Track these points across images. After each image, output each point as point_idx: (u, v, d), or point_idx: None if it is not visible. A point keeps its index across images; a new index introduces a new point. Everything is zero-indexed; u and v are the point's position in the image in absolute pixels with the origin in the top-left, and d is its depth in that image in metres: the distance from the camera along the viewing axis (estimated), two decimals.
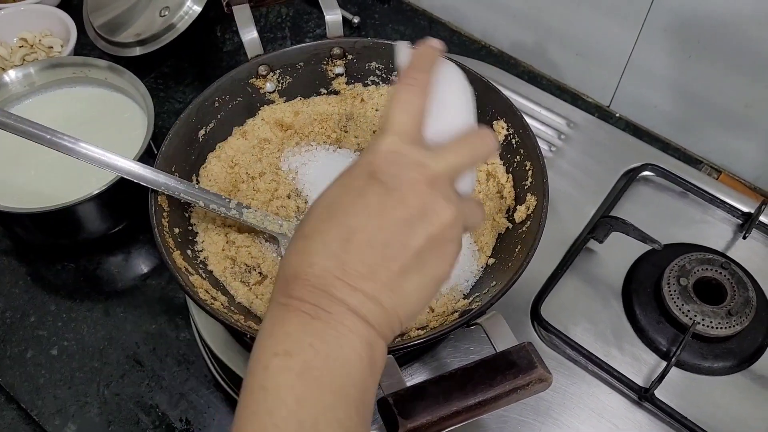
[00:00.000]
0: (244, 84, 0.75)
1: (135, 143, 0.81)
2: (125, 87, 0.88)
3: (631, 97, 0.94)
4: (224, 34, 1.07)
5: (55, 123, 0.87)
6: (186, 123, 0.70)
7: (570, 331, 0.72)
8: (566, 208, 0.81)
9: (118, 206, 0.82)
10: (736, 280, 0.73)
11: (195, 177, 0.72)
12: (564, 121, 0.89)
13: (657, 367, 0.71)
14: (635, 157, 0.85)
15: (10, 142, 0.85)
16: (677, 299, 0.72)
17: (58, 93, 0.90)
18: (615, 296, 0.76)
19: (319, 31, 1.07)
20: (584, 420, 0.68)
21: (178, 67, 1.03)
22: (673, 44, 0.84)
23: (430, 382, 0.51)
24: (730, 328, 0.71)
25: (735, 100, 0.84)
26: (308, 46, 0.77)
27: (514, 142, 0.71)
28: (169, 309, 0.81)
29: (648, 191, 0.83)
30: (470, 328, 0.58)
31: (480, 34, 1.05)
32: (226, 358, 0.70)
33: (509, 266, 0.64)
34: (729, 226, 0.81)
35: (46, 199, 0.77)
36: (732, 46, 0.80)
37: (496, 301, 0.58)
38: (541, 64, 1.01)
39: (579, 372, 0.70)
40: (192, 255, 0.66)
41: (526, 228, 0.66)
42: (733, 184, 0.88)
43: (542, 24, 0.96)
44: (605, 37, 0.90)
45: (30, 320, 0.80)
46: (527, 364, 0.52)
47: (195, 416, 0.73)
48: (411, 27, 1.07)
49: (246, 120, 0.76)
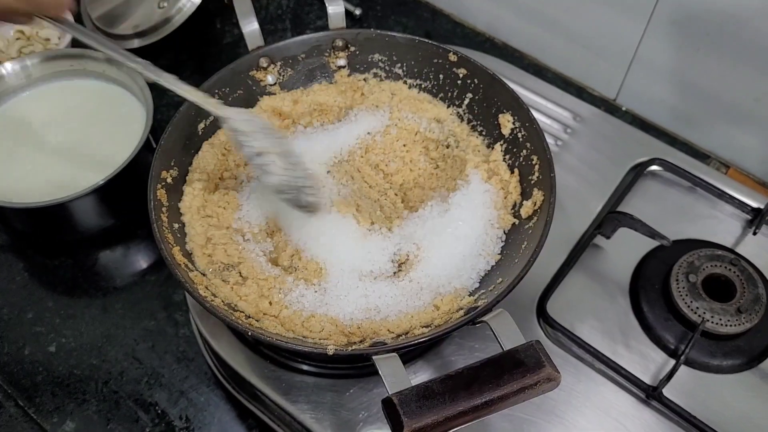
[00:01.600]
0: (245, 76, 0.74)
1: (134, 136, 0.80)
2: (123, 80, 0.86)
3: (638, 90, 0.92)
4: (224, 27, 1.06)
5: (52, 116, 0.86)
6: (185, 116, 0.69)
7: (576, 328, 0.71)
8: (572, 204, 0.80)
9: (116, 201, 0.81)
10: (745, 276, 0.72)
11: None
12: (570, 115, 0.87)
13: (665, 365, 0.70)
14: (643, 152, 0.83)
15: (6, 137, 0.84)
16: (686, 296, 0.71)
17: (55, 86, 0.88)
18: (622, 293, 0.74)
19: (321, 23, 1.05)
20: (591, 418, 0.66)
21: (177, 59, 1.02)
22: (681, 37, 0.83)
23: (436, 382, 0.50)
24: (739, 325, 0.69)
25: (743, 94, 0.83)
26: (310, 38, 0.75)
27: (520, 136, 0.69)
28: (168, 305, 0.79)
29: (656, 186, 0.82)
30: (475, 326, 0.57)
31: (484, 26, 1.04)
32: (226, 356, 0.69)
33: (516, 263, 0.62)
34: (738, 222, 0.79)
35: (43, 194, 0.76)
36: (740, 39, 0.78)
37: (502, 298, 0.57)
38: (546, 57, 0.99)
39: (585, 370, 0.69)
40: (191, 250, 0.65)
41: (533, 224, 0.65)
42: (742, 179, 0.87)
43: (547, 16, 0.94)
44: (612, 29, 0.89)
45: (28, 317, 0.79)
46: (535, 363, 0.50)
47: (195, 414, 0.72)
48: (414, 19, 1.06)
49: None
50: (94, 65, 0.87)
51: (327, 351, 0.54)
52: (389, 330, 0.60)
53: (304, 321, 0.61)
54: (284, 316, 0.61)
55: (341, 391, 0.66)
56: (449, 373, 0.51)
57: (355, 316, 0.61)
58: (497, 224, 0.68)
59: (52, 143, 0.84)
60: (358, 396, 0.66)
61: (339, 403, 0.66)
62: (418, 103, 0.76)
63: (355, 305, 0.62)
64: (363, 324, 0.61)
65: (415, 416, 0.48)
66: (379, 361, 0.52)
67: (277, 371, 0.67)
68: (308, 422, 0.65)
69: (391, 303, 0.63)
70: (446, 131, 0.75)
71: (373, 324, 0.61)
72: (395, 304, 0.63)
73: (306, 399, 0.66)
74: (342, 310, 0.62)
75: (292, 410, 0.65)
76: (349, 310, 0.62)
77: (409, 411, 0.48)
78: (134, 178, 0.77)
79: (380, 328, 0.60)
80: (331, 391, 0.66)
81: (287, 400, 0.66)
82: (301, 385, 0.67)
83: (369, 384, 0.67)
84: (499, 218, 0.68)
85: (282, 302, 0.62)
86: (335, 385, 0.67)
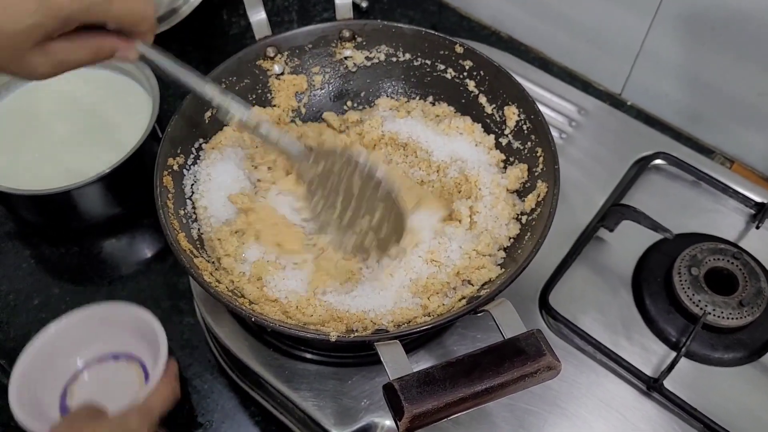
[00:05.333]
0: (252, 65, 0.74)
1: (140, 126, 0.81)
2: (130, 69, 0.87)
3: (643, 85, 0.92)
4: (230, 18, 1.06)
5: (59, 105, 0.87)
6: (192, 104, 0.69)
7: (578, 320, 0.71)
8: (576, 196, 0.80)
9: (122, 190, 0.82)
10: (748, 270, 0.72)
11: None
12: (575, 108, 0.87)
13: (666, 358, 0.70)
14: (647, 146, 0.84)
15: (13, 124, 0.85)
16: (688, 289, 0.71)
17: (62, 75, 0.88)
18: (625, 285, 0.75)
19: (327, 14, 1.05)
20: (592, 409, 0.67)
21: (184, 50, 1.02)
22: (687, 32, 0.83)
23: (437, 368, 0.51)
24: (741, 318, 0.70)
25: (748, 89, 0.83)
26: (317, 28, 0.76)
27: (525, 128, 0.70)
28: (173, 294, 0.80)
29: (659, 180, 0.82)
30: (477, 315, 0.57)
31: (490, 19, 1.04)
32: (230, 343, 0.69)
33: (518, 253, 0.63)
34: (741, 216, 0.79)
35: (50, 182, 0.77)
36: (746, 34, 0.78)
37: (504, 288, 0.57)
38: (551, 50, 1.00)
39: (587, 361, 0.70)
40: (197, 237, 0.66)
41: (536, 215, 0.65)
42: (746, 173, 0.87)
43: (553, 9, 0.94)
44: (617, 23, 0.89)
45: (33, 303, 0.79)
46: (536, 351, 0.51)
47: (198, 401, 0.73)
48: (420, 12, 1.06)
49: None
50: None
51: (329, 338, 0.55)
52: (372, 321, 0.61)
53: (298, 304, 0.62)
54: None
55: (344, 379, 0.67)
56: (450, 360, 0.51)
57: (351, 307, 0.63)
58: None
59: (59, 132, 0.84)
60: (361, 384, 0.66)
61: (341, 391, 0.66)
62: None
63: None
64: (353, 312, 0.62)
65: (416, 402, 0.49)
66: (381, 348, 0.53)
67: (280, 359, 0.68)
68: (310, 410, 0.65)
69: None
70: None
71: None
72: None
73: (308, 387, 0.66)
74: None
75: (295, 398, 0.66)
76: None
77: (410, 396, 0.49)
78: (140, 167, 0.77)
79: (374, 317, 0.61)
80: (334, 379, 0.67)
81: (290, 388, 0.66)
82: (304, 373, 0.67)
83: (371, 372, 0.67)
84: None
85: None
86: (338, 373, 0.67)
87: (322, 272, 0.64)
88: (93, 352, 0.71)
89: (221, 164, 0.71)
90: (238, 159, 0.71)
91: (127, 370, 0.70)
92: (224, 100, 0.61)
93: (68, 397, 0.69)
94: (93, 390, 0.69)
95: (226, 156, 0.71)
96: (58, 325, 0.68)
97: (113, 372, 0.70)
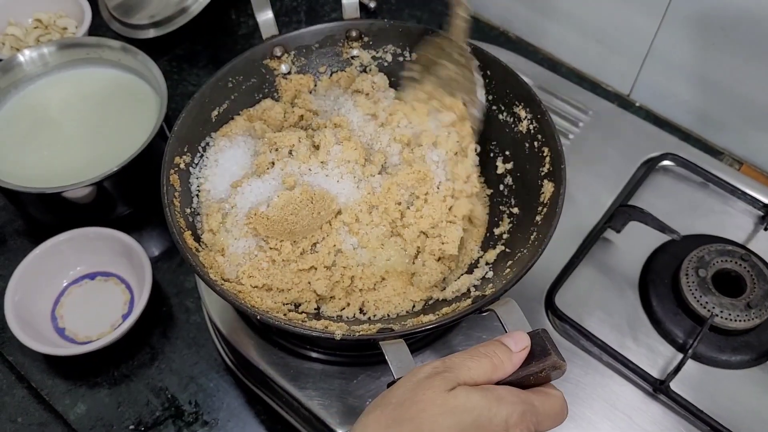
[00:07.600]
0: (259, 65, 0.74)
1: (148, 124, 0.81)
2: (139, 68, 0.87)
3: (652, 86, 0.92)
4: (239, 18, 1.06)
5: (68, 103, 0.87)
6: (199, 103, 0.69)
7: (584, 321, 0.71)
8: (583, 196, 0.80)
9: (130, 189, 0.82)
10: (756, 272, 0.71)
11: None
12: (583, 109, 0.87)
13: (673, 360, 0.70)
14: (655, 147, 0.83)
15: (22, 123, 0.85)
16: (695, 291, 0.71)
17: (71, 73, 0.89)
18: (631, 287, 0.74)
19: (335, 15, 1.06)
20: (597, 411, 0.67)
21: (192, 50, 1.02)
22: (696, 33, 0.83)
23: None
24: (748, 321, 0.69)
25: (758, 90, 0.82)
26: (324, 28, 0.76)
27: (532, 128, 0.69)
28: (180, 292, 0.80)
29: (667, 181, 0.82)
30: (483, 315, 0.57)
31: (498, 20, 1.04)
32: (235, 342, 0.69)
33: (524, 253, 0.63)
34: (750, 218, 0.79)
35: (58, 180, 0.77)
36: (756, 35, 0.78)
37: (510, 287, 0.57)
38: (560, 51, 0.99)
39: (593, 363, 0.69)
40: (202, 233, 0.66)
41: (543, 215, 0.65)
42: (755, 175, 0.87)
43: (561, 10, 0.94)
44: (626, 24, 0.88)
45: None
46: (541, 350, 0.50)
47: (204, 399, 0.73)
48: (428, 12, 1.06)
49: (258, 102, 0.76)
50: (110, 54, 0.88)
51: (334, 336, 0.55)
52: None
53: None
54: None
55: (349, 379, 0.67)
56: None
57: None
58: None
59: (68, 130, 0.85)
60: (366, 383, 0.66)
61: (346, 390, 0.66)
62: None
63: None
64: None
65: None
66: (386, 346, 0.52)
67: (285, 358, 0.68)
68: (316, 408, 0.65)
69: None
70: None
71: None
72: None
73: (314, 386, 0.66)
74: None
75: (300, 396, 0.66)
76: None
77: None
78: (147, 165, 0.78)
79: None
80: (339, 378, 0.67)
81: (295, 387, 0.66)
82: (309, 372, 0.67)
83: (376, 372, 0.67)
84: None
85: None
86: (343, 372, 0.67)
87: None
88: (79, 272, 0.80)
89: (230, 151, 0.71)
90: (247, 147, 0.71)
91: (114, 289, 0.79)
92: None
93: (57, 310, 0.78)
94: (80, 305, 0.78)
95: (236, 144, 0.71)
96: (45, 246, 0.77)
97: (99, 290, 0.79)
